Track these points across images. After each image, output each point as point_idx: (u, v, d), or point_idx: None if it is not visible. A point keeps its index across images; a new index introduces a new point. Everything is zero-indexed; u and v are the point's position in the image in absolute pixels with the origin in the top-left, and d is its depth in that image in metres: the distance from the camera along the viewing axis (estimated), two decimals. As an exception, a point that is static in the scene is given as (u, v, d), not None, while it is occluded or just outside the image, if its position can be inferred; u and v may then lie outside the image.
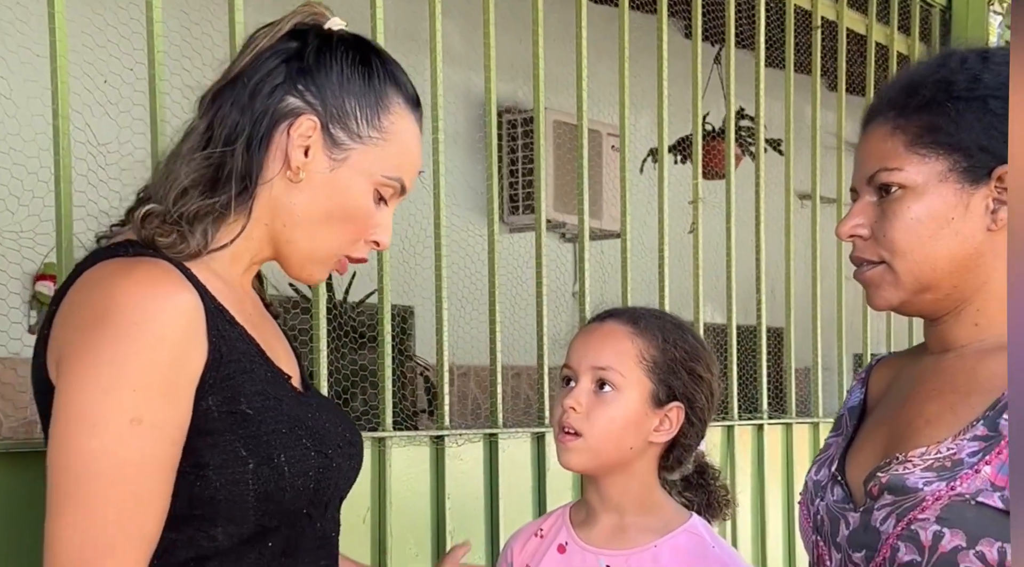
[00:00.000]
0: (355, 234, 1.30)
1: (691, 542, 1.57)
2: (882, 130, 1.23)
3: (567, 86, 3.05)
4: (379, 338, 2.15)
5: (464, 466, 2.27)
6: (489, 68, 2.40)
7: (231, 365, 1.20)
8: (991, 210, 1.19)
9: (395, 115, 1.30)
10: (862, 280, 1.26)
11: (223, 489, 1.18)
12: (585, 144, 2.59)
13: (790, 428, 3.13)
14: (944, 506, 1.13)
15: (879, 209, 1.22)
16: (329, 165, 1.27)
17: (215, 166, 1.24)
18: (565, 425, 1.54)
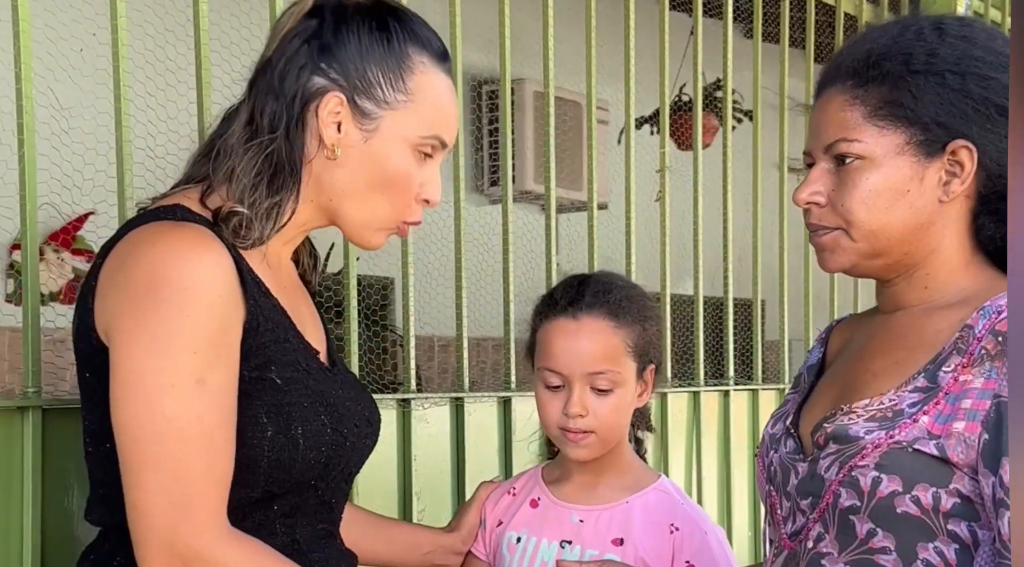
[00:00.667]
0: (404, 197, 1.32)
1: (661, 499, 1.63)
2: (840, 98, 1.26)
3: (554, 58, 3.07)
4: (345, 306, 2.18)
5: (431, 429, 2.31)
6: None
7: (265, 334, 1.24)
8: (943, 182, 1.23)
9: (420, 74, 1.31)
10: (817, 244, 1.30)
11: (239, 452, 1.22)
12: (552, 112, 2.63)
13: (756, 394, 3.17)
14: (883, 453, 1.18)
15: (836, 177, 1.26)
16: (362, 137, 1.29)
17: (268, 156, 1.27)
18: (573, 430, 1.57)
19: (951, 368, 1.19)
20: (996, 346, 1.15)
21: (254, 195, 1.26)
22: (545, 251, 2.62)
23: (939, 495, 1.16)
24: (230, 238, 1.24)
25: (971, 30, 1.24)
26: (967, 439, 1.14)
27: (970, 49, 1.22)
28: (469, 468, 2.34)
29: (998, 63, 1.21)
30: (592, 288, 1.60)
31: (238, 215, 1.24)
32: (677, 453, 2.92)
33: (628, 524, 1.60)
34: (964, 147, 1.21)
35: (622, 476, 1.65)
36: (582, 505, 1.63)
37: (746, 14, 3.31)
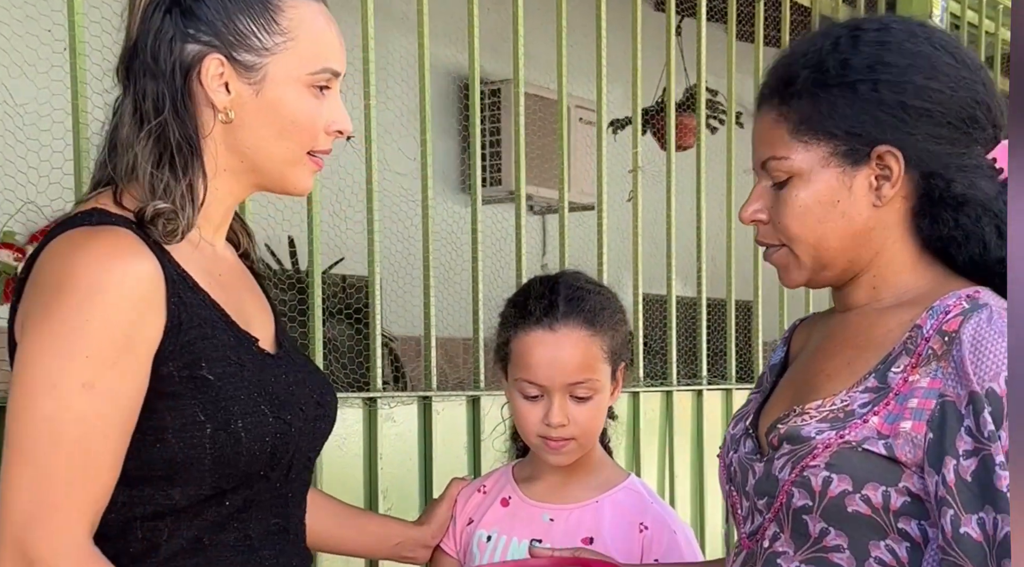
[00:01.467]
0: (311, 134, 1.29)
1: (631, 498, 1.63)
2: (768, 117, 1.27)
3: (534, 58, 3.08)
4: (309, 303, 2.18)
5: (398, 428, 2.31)
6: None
7: (192, 331, 1.22)
8: (874, 188, 1.23)
9: (290, 10, 1.28)
10: (770, 262, 1.32)
11: (181, 452, 1.21)
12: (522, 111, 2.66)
13: (730, 393, 3.17)
14: (833, 452, 1.19)
15: (774, 194, 1.27)
16: (252, 90, 1.26)
17: (162, 140, 1.25)
18: (554, 438, 1.57)
19: (900, 369, 1.19)
20: (942, 346, 1.16)
21: (163, 184, 1.24)
22: (516, 250, 2.61)
23: (888, 493, 1.17)
24: (160, 238, 1.23)
25: (887, 33, 1.24)
26: (914, 438, 1.15)
27: (883, 54, 1.22)
28: (437, 467, 2.34)
29: (913, 64, 1.21)
30: (564, 295, 1.59)
31: (163, 212, 1.23)
32: (650, 452, 2.92)
33: (598, 523, 1.60)
34: (888, 152, 1.21)
35: (593, 475, 1.65)
36: (553, 504, 1.64)
37: (720, 14, 3.31)
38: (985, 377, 1.12)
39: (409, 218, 2.37)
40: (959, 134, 1.22)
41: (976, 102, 1.23)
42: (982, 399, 1.11)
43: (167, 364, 1.21)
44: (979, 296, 1.18)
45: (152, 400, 1.21)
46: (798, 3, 3.46)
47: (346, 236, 3.14)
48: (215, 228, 1.34)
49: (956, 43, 1.28)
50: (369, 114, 2.27)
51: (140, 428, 1.21)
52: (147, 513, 1.24)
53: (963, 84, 1.22)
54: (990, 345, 1.13)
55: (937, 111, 1.21)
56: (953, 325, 1.16)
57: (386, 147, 3.55)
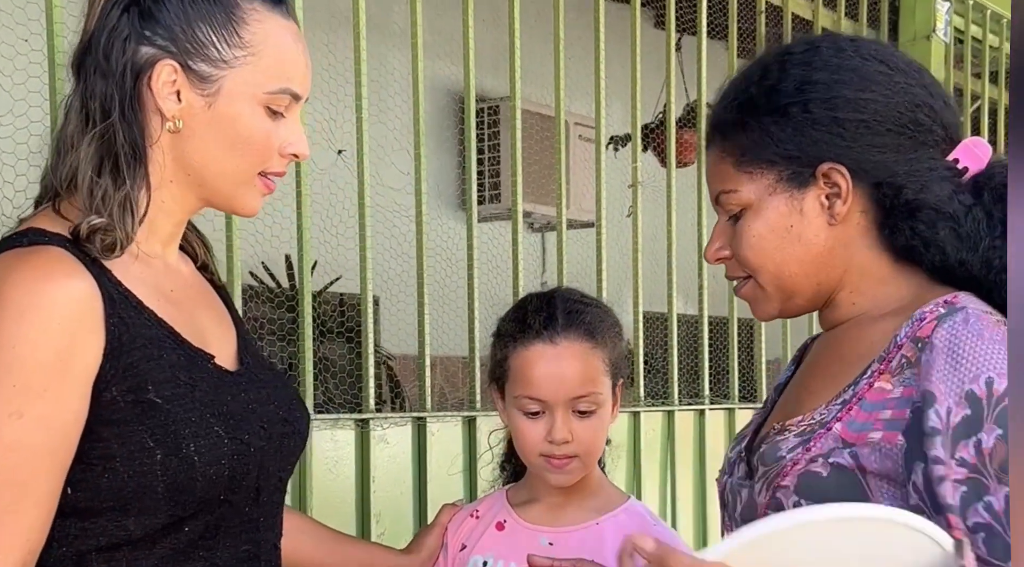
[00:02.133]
0: (263, 154, 1.23)
1: (633, 520, 1.58)
2: (713, 154, 1.28)
3: (534, 75, 3.05)
4: (299, 323, 2.13)
5: (391, 450, 2.26)
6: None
7: (134, 353, 1.16)
8: (826, 207, 1.21)
9: (255, 23, 1.21)
10: (740, 296, 1.31)
11: (131, 480, 1.16)
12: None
13: (732, 413, 3.12)
14: (800, 474, 1.16)
15: (732, 228, 1.27)
16: (205, 102, 1.20)
17: (106, 144, 1.19)
18: (558, 456, 1.53)
19: (868, 375, 1.17)
20: (915, 353, 1.13)
21: (102, 191, 1.18)
22: (512, 267, 2.57)
23: None
24: (98, 254, 1.17)
25: (814, 53, 1.23)
26: (884, 449, 1.12)
27: (810, 74, 1.21)
28: (432, 490, 2.29)
29: (840, 79, 1.20)
30: (563, 308, 1.55)
31: (98, 228, 1.17)
32: (651, 474, 2.87)
33: (601, 546, 1.54)
34: (832, 169, 1.20)
35: (592, 497, 1.60)
36: (551, 527, 1.58)
37: (721, 29, 3.28)
38: (965, 378, 1.08)
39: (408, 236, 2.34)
40: (902, 139, 1.20)
41: (916, 105, 1.21)
42: (933, 397, 1.09)
43: (110, 389, 1.15)
44: (956, 301, 1.16)
45: (97, 427, 1.15)
46: (800, 17, 3.43)
47: (346, 255, 3.10)
48: (164, 241, 1.28)
49: (890, 51, 1.27)
50: (361, 129, 2.24)
51: (87, 457, 1.15)
52: (102, 545, 1.18)
53: (898, 90, 1.21)
54: (968, 346, 1.10)
55: (874, 121, 1.19)
56: (926, 331, 1.13)
57: (385, 164, 3.52)
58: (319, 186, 2.72)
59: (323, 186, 3.09)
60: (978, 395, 1.07)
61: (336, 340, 3.54)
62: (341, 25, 2.51)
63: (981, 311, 1.13)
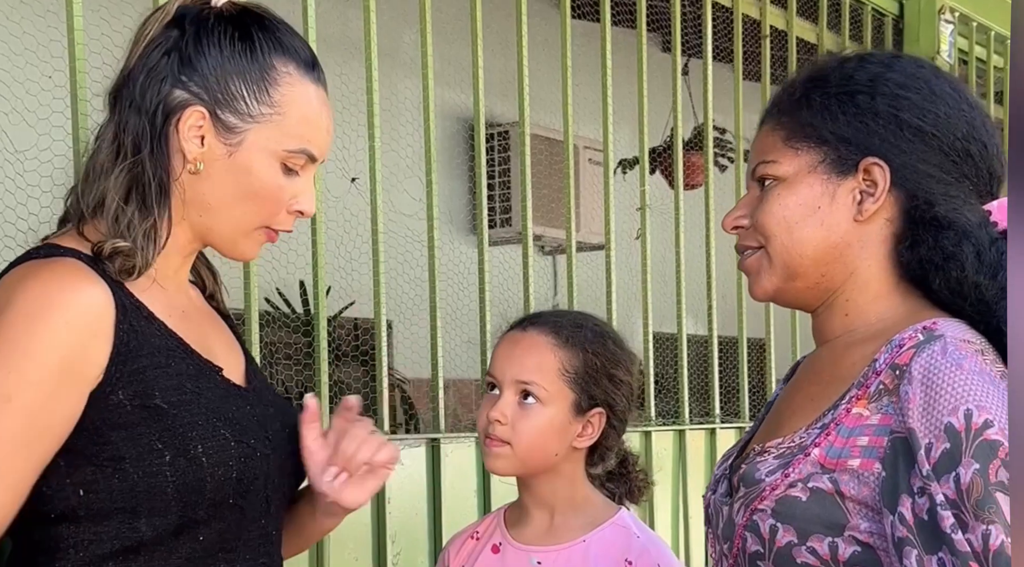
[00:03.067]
0: (271, 209, 1.30)
1: (617, 534, 1.62)
2: (766, 127, 1.29)
3: (543, 100, 3.10)
4: (315, 346, 2.17)
5: (406, 471, 2.29)
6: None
7: (142, 359, 1.22)
8: (857, 201, 1.22)
9: (286, 86, 1.28)
10: (744, 268, 1.30)
11: (142, 481, 1.20)
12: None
13: (743, 432, 3.14)
14: (778, 498, 1.16)
15: (759, 200, 1.27)
16: (226, 151, 1.27)
17: (135, 176, 1.25)
18: (492, 435, 1.59)
19: (845, 400, 1.17)
20: (893, 381, 1.13)
21: (127, 219, 1.25)
22: (523, 291, 2.61)
23: (836, 544, 1.14)
24: (115, 274, 1.23)
25: (895, 60, 1.26)
26: (861, 475, 1.12)
27: (886, 72, 1.24)
28: (446, 511, 2.32)
29: (914, 85, 1.22)
30: (553, 314, 1.66)
31: (121, 250, 1.23)
32: (663, 492, 2.89)
33: (585, 563, 1.59)
34: (875, 165, 1.21)
35: (578, 514, 1.64)
36: (540, 547, 1.63)
37: (726, 53, 3.33)
38: (944, 411, 1.07)
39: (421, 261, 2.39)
40: (949, 163, 1.21)
41: (971, 137, 1.22)
42: (917, 437, 1.08)
43: (116, 392, 1.20)
44: (935, 327, 1.15)
45: (105, 431, 1.20)
46: (804, 41, 3.47)
47: (359, 281, 3.15)
48: (175, 270, 1.34)
49: (963, 86, 1.28)
50: (374, 157, 2.28)
51: (98, 459, 1.20)
52: (116, 549, 1.22)
53: (962, 115, 1.22)
54: (946, 376, 1.09)
55: (931, 133, 1.21)
56: (904, 358, 1.13)
57: (398, 191, 3.57)
58: (333, 213, 2.76)
59: (337, 213, 3.14)
60: (956, 428, 1.06)
61: (351, 364, 3.58)
62: (353, 55, 2.56)
63: (960, 339, 1.13)
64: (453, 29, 2.72)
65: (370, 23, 2.26)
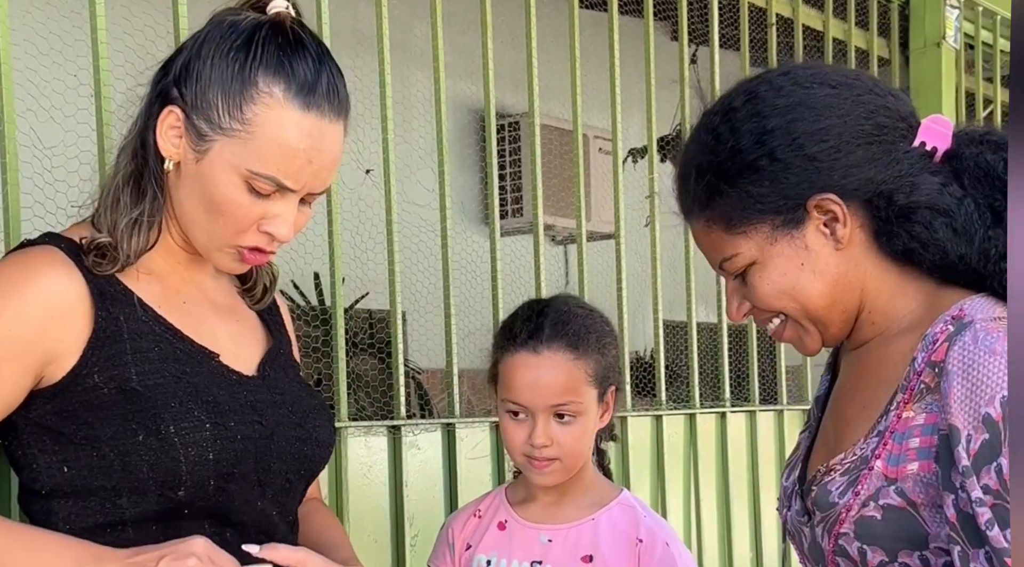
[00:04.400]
0: (236, 226, 1.27)
1: (625, 513, 1.66)
2: (699, 227, 1.28)
3: (552, 90, 3.13)
4: (332, 335, 2.22)
5: (422, 455, 2.34)
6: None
7: (121, 343, 1.26)
8: (828, 234, 1.22)
9: (262, 106, 1.24)
10: (783, 341, 1.31)
11: (118, 460, 1.25)
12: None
13: (754, 415, 3.18)
14: (856, 520, 1.17)
15: (744, 286, 1.27)
16: (195, 157, 1.26)
17: (135, 167, 1.29)
18: (538, 458, 1.61)
19: (895, 406, 1.18)
20: (933, 378, 1.14)
21: (119, 206, 1.29)
22: (535, 280, 2.65)
23: (926, 558, 1.14)
24: (93, 267, 1.27)
25: (757, 102, 1.22)
26: (923, 478, 1.13)
27: (762, 123, 1.21)
28: (462, 493, 2.37)
29: (795, 117, 1.20)
30: (551, 319, 1.62)
31: (100, 246, 1.28)
32: (674, 476, 2.94)
33: (596, 540, 1.63)
34: (822, 200, 1.20)
35: (586, 494, 1.68)
36: (549, 525, 1.66)
37: (732, 40, 3.36)
38: (981, 402, 1.07)
39: (435, 252, 2.43)
40: (873, 149, 1.20)
41: (871, 112, 1.21)
42: (958, 432, 1.08)
43: (93, 375, 1.25)
44: (963, 315, 1.15)
45: (82, 412, 1.25)
46: (810, 28, 3.49)
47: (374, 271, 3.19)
48: (185, 264, 1.37)
49: (824, 70, 1.26)
50: (387, 149, 2.32)
51: (76, 438, 1.25)
52: (102, 523, 1.27)
53: (850, 105, 1.20)
54: (981, 367, 1.09)
55: (841, 143, 1.19)
56: (940, 354, 1.13)
57: (411, 182, 3.61)
58: (348, 204, 2.81)
59: (352, 204, 3.18)
60: (994, 418, 1.06)
61: (363, 352, 3.62)
62: (366, 49, 2.61)
63: (989, 320, 1.12)
64: (464, 21, 2.75)
65: (382, 16, 2.30)
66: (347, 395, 2.22)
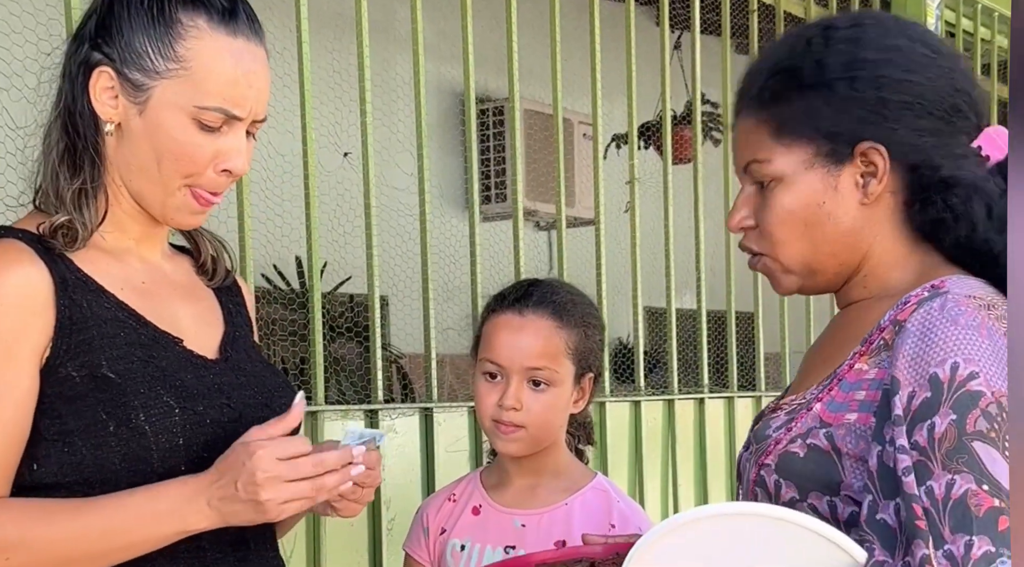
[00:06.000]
0: (189, 167, 1.27)
1: (598, 498, 1.67)
2: (749, 121, 1.26)
3: (537, 75, 3.13)
4: (310, 318, 2.22)
5: (400, 440, 2.34)
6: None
7: (88, 331, 1.24)
8: (861, 185, 1.21)
9: (192, 39, 1.25)
10: (756, 270, 1.30)
11: (89, 454, 1.22)
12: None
13: (732, 401, 3.20)
14: (780, 453, 1.18)
15: (759, 199, 1.25)
16: (136, 110, 1.25)
17: (67, 141, 1.28)
18: (505, 422, 1.61)
19: (850, 357, 1.18)
20: (892, 335, 1.14)
21: (60, 180, 1.27)
22: (514, 265, 2.65)
23: (834, 504, 1.15)
24: (63, 249, 1.26)
25: (860, 30, 1.22)
26: (858, 429, 1.14)
27: (857, 51, 1.20)
28: (439, 478, 2.37)
29: (889, 59, 1.20)
30: (541, 288, 1.65)
31: (60, 225, 1.26)
32: (652, 461, 2.95)
33: (569, 525, 1.63)
34: (871, 148, 1.19)
35: (560, 478, 1.69)
36: (523, 510, 1.67)
37: (715, 26, 3.36)
38: (932, 362, 1.08)
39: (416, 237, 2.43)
40: (942, 125, 1.20)
41: (956, 90, 1.21)
42: (898, 384, 1.09)
43: (64, 365, 1.23)
44: (942, 285, 1.15)
45: (56, 405, 1.23)
46: (792, 15, 3.50)
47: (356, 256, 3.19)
48: (137, 239, 1.35)
49: (932, 35, 1.26)
50: (366, 132, 2.32)
51: (48, 434, 1.23)
52: None
53: (942, 74, 1.20)
54: (940, 331, 1.09)
55: (917, 103, 1.19)
56: (905, 314, 1.13)
57: (390, 166, 3.60)
58: (326, 188, 2.80)
59: (330, 188, 3.17)
60: (941, 379, 1.07)
61: (344, 336, 3.62)
62: (345, 31, 2.60)
63: (963, 296, 1.12)
64: (449, 3, 2.74)
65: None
66: (326, 379, 2.22)
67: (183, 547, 1.25)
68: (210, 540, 1.27)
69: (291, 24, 2.19)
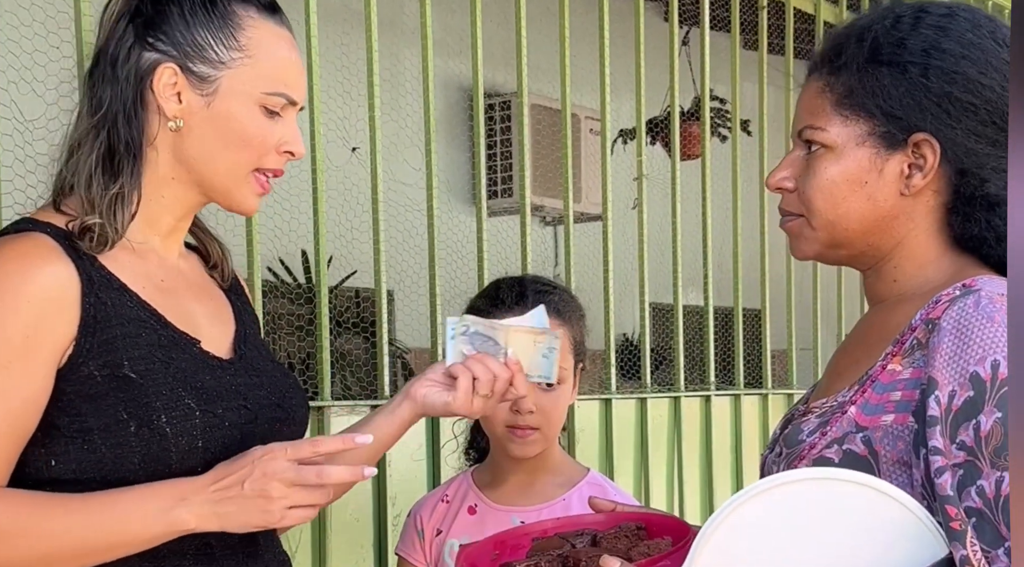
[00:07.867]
0: (258, 150, 1.31)
1: (596, 492, 1.67)
2: (816, 85, 1.25)
3: (545, 70, 3.13)
4: (317, 313, 2.22)
5: (405, 435, 2.33)
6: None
7: (111, 330, 1.25)
8: (905, 175, 1.20)
9: (251, 29, 1.31)
10: (785, 229, 1.30)
11: (109, 452, 1.23)
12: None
13: (738, 399, 3.19)
14: (814, 459, 1.17)
15: (804, 164, 1.25)
16: (204, 102, 1.29)
17: (107, 142, 1.28)
18: (522, 426, 1.62)
19: (883, 358, 1.17)
20: (926, 334, 1.13)
21: (95, 186, 1.28)
22: (521, 260, 2.65)
23: None
24: (90, 250, 1.26)
25: (951, 20, 1.20)
26: (895, 430, 1.13)
27: (940, 40, 1.18)
28: (444, 472, 2.37)
29: (968, 56, 1.18)
30: (532, 288, 1.66)
31: (91, 227, 1.26)
32: (658, 458, 2.94)
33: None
34: (925, 141, 1.18)
35: (555, 474, 1.69)
36: (520, 507, 1.67)
37: (724, 23, 3.35)
38: (971, 360, 1.07)
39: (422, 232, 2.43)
40: (1001, 136, 1.18)
41: None
42: (936, 384, 1.08)
43: (87, 364, 1.23)
44: (974, 284, 1.14)
45: (77, 403, 1.24)
46: (801, 11, 3.49)
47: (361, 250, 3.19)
48: (163, 235, 1.36)
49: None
50: (374, 127, 2.31)
51: (68, 431, 1.24)
52: None
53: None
54: (977, 329, 1.08)
55: (984, 108, 1.17)
56: (938, 312, 1.12)
57: (398, 161, 3.60)
58: (334, 182, 2.80)
59: (338, 182, 3.17)
60: (982, 377, 1.06)
61: (350, 331, 3.62)
62: (354, 26, 2.59)
63: (996, 294, 1.11)
64: (456, -1, 2.74)
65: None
66: (332, 374, 2.22)
67: (192, 547, 1.26)
68: (217, 536, 1.27)
69: (300, 19, 2.18)
